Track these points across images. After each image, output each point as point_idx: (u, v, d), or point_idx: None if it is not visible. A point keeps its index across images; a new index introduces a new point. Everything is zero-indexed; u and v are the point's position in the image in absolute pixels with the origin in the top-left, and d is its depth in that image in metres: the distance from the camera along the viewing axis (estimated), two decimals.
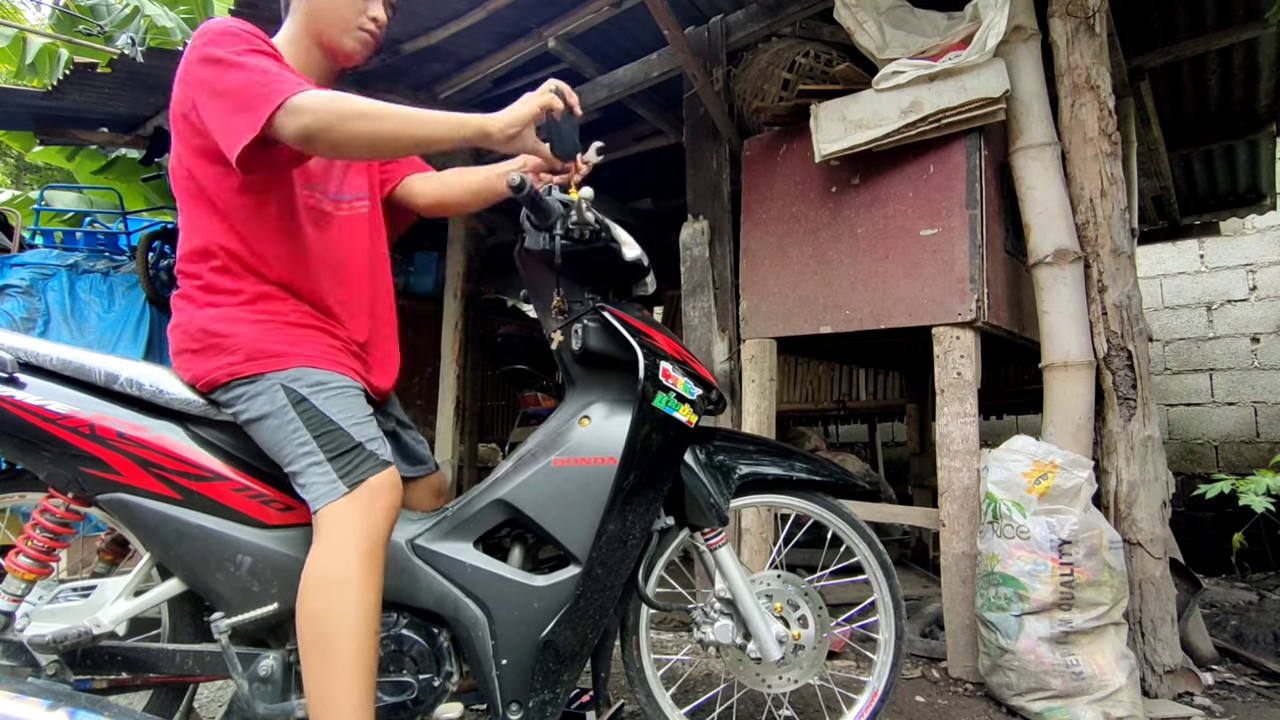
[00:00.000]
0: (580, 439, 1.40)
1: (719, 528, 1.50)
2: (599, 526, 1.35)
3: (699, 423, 1.45)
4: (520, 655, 1.34)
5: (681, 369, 1.43)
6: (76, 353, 1.31)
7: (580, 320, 1.43)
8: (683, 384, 1.42)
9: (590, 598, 1.36)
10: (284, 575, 1.29)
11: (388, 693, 1.32)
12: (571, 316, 1.44)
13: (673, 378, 1.41)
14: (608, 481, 1.36)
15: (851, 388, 4.99)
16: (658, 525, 1.48)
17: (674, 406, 1.39)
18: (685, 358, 1.47)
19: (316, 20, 1.40)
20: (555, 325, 1.47)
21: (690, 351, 1.51)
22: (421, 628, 1.36)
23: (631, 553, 1.41)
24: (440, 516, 1.42)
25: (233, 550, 1.30)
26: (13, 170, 9.69)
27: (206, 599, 1.33)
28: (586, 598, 1.36)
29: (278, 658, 1.29)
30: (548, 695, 1.35)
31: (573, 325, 1.44)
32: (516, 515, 1.39)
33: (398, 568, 1.34)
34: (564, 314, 1.45)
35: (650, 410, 1.37)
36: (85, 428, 1.26)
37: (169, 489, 1.29)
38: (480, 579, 1.36)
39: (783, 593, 1.55)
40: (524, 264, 1.51)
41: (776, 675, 1.53)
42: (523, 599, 1.35)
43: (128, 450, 1.28)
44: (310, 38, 1.41)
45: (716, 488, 1.49)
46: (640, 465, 1.38)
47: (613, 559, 1.37)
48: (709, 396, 1.47)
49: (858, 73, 2.46)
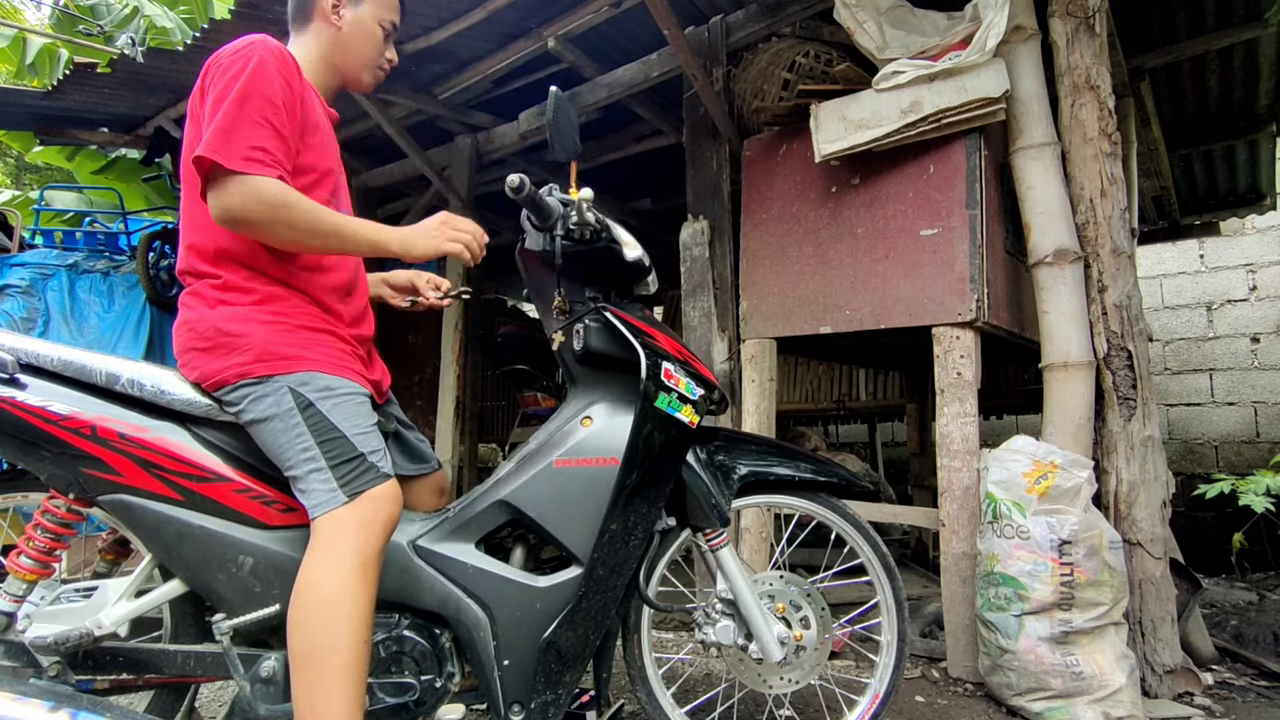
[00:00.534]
0: (582, 439, 1.40)
1: (720, 528, 1.50)
2: (601, 527, 1.35)
3: (700, 423, 1.45)
4: (522, 656, 1.34)
5: (684, 369, 1.43)
6: (77, 353, 1.31)
7: (582, 320, 1.43)
8: (685, 384, 1.42)
9: (592, 598, 1.36)
10: (286, 576, 1.29)
11: (389, 694, 1.32)
12: (573, 317, 1.44)
13: (675, 378, 1.41)
14: (610, 482, 1.36)
15: (851, 388, 4.99)
16: (659, 526, 1.48)
17: (676, 407, 1.40)
18: (687, 358, 1.47)
19: (342, 54, 1.48)
20: (557, 325, 1.47)
21: (692, 351, 1.52)
22: (423, 628, 1.36)
23: (634, 553, 1.41)
24: (442, 517, 1.42)
25: (234, 551, 1.30)
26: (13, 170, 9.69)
27: (208, 600, 1.34)
28: (588, 598, 1.36)
29: (279, 659, 1.28)
30: (550, 696, 1.35)
31: (574, 325, 1.44)
32: (518, 516, 1.39)
33: (399, 568, 1.34)
34: (565, 314, 1.45)
35: (653, 411, 1.37)
36: (86, 429, 1.26)
37: (170, 490, 1.29)
38: (482, 580, 1.36)
39: (785, 593, 1.55)
40: (525, 264, 1.51)
41: (778, 676, 1.53)
42: (524, 600, 1.35)
43: (129, 451, 1.28)
44: (330, 65, 1.49)
45: (718, 488, 1.49)
46: (642, 466, 1.38)
47: (615, 559, 1.37)
48: (711, 397, 1.47)
49: (858, 73, 2.46)
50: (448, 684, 1.35)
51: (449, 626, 1.36)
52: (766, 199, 2.73)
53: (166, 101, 3.60)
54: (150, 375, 1.33)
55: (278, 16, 2.84)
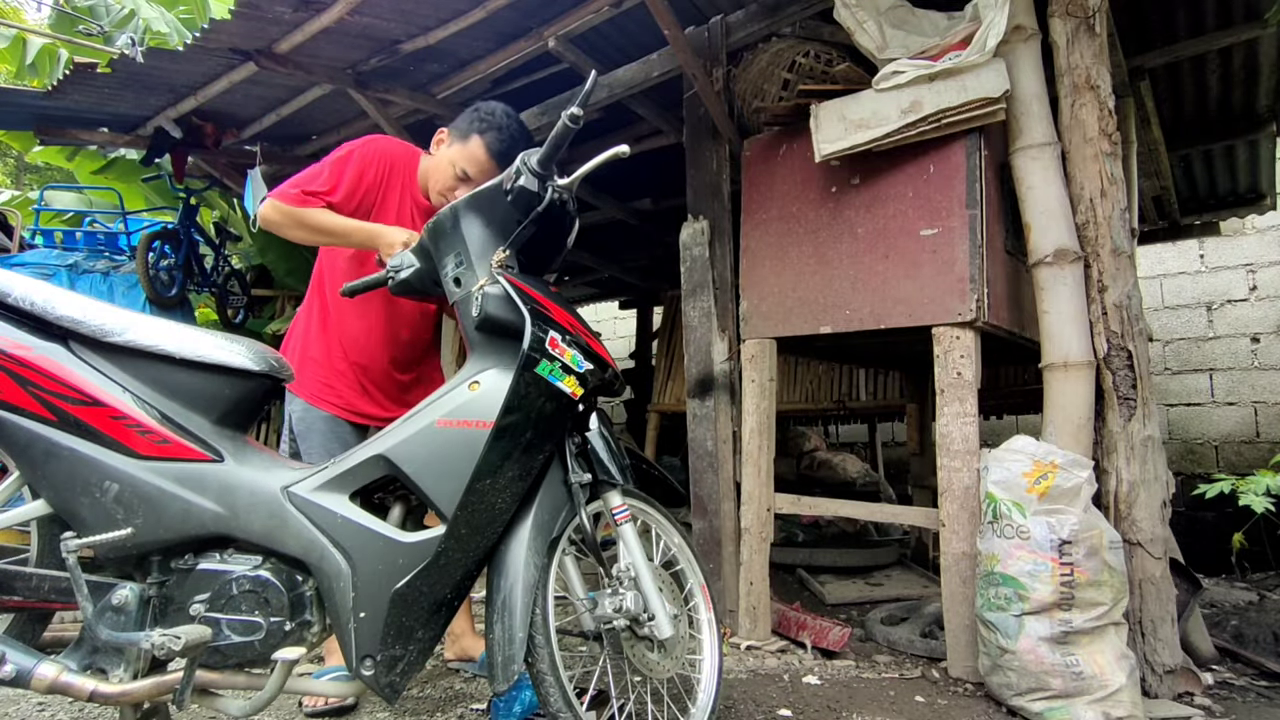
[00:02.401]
0: (466, 402, 1.42)
1: (623, 504, 1.55)
2: (467, 485, 1.35)
3: (592, 401, 1.52)
4: (378, 609, 1.35)
5: (573, 342, 1.44)
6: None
7: (481, 288, 1.46)
8: (571, 356, 1.42)
9: (451, 555, 1.36)
10: (150, 505, 1.32)
11: (236, 631, 1.34)
12: (471, 284, 1.49)
13: (560, 348, 1.41)
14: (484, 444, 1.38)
15: (851, 388, 4.98)
16: (576, 480, 1.49)
17: (558, 376, 1.40)
18: (580, 332, 1.49)
19: (430, 174, 2.03)
20: (460, 291, 1.52)
21: (593, 332, 1.55)
22: (284, 573, 1.37)
23: (500, 516, 1.40)
24: (322, 468, 1.44)
25: (101, 476, 1.32)
26: (13, 170, 9.69)
27: (70, 523, 1.34)
28: (446, 554, 1.36)
29: (135, 589, 1.31)
30: (399, 650, 1.35)
31: (472, 292, 1.47)
32: (394, 471, 1.40)
33: (268, 512, 1.37)
34: (504, 268, 1.49)
35: (532, 377, 1.38)
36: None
37: (45, 410, 1.31)
38: (349, 531, 1.37)
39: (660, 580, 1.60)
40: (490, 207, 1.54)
41: (660, 657, 1.51)
42: (387, 554, 1.36)
43: (7, 367, 1.29)
44: (424, 175, 2.06)
45: (604, 466, 1.56)
46: (517, 431, 1.37)
47: (478, 520, 1.36)
48: (603, 375, 1.49)
49: (858, 73, 2.46)
50: (302, 631, 1.36)
51: (312, 575, 1.38)
52: (766, 199, 2.73)
53: (166, 101, 3.60)
54: (42, 291, 1.35)
55: (278, 17, 2.84)
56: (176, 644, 1.22)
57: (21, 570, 1.34)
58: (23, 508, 1.35)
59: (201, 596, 1.34)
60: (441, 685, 2.14)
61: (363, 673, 1.34)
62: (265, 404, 1.58)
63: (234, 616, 1.34)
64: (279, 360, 1.53)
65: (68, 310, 1.35)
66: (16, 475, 1.36)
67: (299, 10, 2.72)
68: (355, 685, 1.39)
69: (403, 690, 1.37)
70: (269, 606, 1.34)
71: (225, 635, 1.33)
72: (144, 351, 1.39)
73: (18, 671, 1.20)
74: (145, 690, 1.26)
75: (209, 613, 1.33)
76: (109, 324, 1.37)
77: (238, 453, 1.43)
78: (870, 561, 3.68)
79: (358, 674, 1.35)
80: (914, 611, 2.78)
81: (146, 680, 1.27)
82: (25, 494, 1.39)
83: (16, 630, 1.43)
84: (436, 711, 1.94)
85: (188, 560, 1.37)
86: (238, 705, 1.35)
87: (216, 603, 1.34)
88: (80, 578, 1.26)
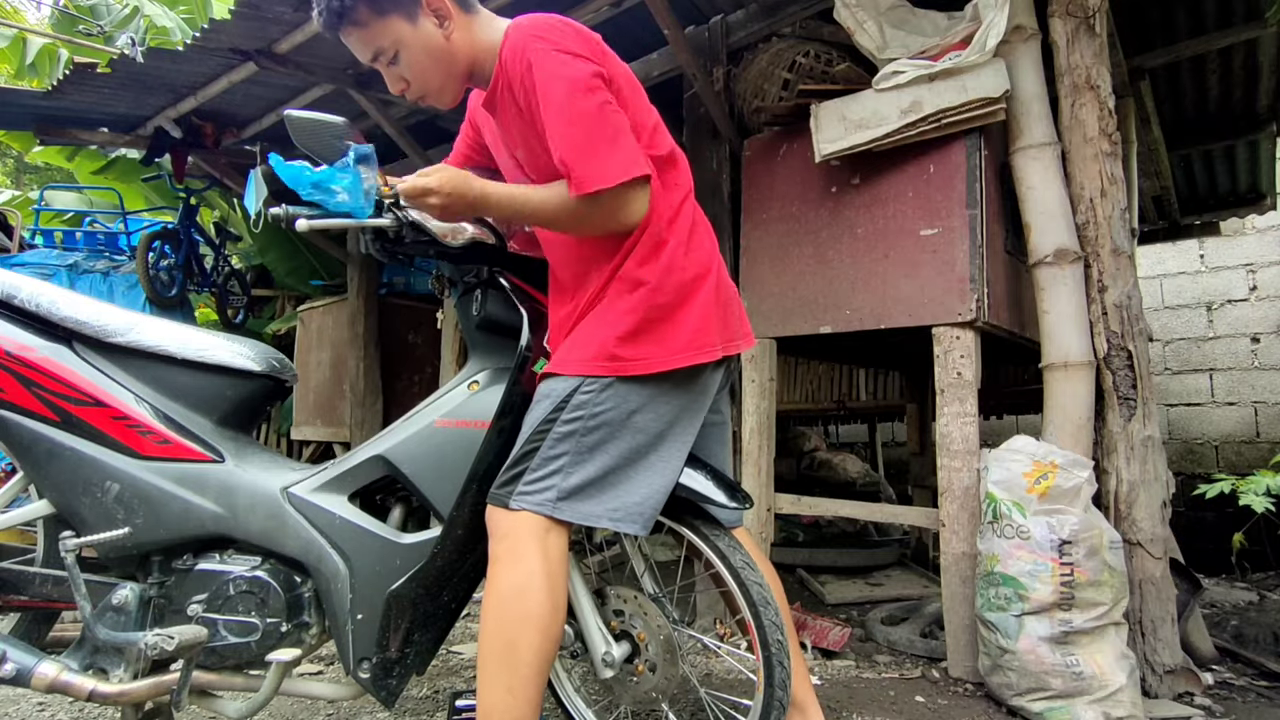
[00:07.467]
0: (465, 402, 1.41)
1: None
2: (464, 486, 1.34)
3: None
4: (375, 611, 1.34)
5: None
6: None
7: (481, 288, 1.45)
8: None
9: (447, 556, 1.35)
10: (150, 506, 1.32)
11: (232, 632, 1.34)
12: (472, 285, 1.47)
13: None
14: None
15: (851, 388, 4.99)
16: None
17: None
18: None
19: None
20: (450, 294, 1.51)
21: None
22: (283, 574, 1.37)
23: None
24: (322, 469, 1.44)
25: (102, 476, 1.32)
26: (13, 170, 9.69)
27: (71, 523, 1.34)
28: (442, 555, 1.35)
29: (135, 590, 1.31)
30: (395, 654, 1.35)
31: (473, 292, 1.46)
32: (393, 471, 1.40)
33: (268, 513, 1.37)
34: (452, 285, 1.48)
35: (530, 374, 1.37)
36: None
37: (48, 410, 1.32)
38: (347, 532, 1.37)
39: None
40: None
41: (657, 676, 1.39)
42: (385, 555, 1.36)
43: (11, 367, 1.30)
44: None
45: None
46: (514, 428, 1.36)
47: (475, 521, 1.35)
48: None
49: (858, 73, 2.46)
50: (300, 632, 1.36)
51: (311, 576, 1.37)
52: (766, 199, 2.73)
53: (166, 101, 3.60)
54: (47, 292, 1.36)
55: (278, 17, 2.84)
56: (170, 644, 1.22)
57: (26, 570, 1.35)
58: (27, 507, 1.36)
59: (199, 597, 1.34)
60: (442, 685, 2.14)
61: (359, 675, 1.33)
62: (267, 405, 1.58)
63: (230, 617, 1.34)
64: (281, 361, 1.53)
65: (71, 311, 1.36)
66: (21, 475, 1.37)
67: (299, 10, 2.72)
68: (351, 688, 1.39)
69: (399, 694, 1.37)
70: (266, 607, 1.34)
71: (222, 636, 1.33)
72: (147, 352, 1.39)
73: (18, 670, 1.21)
74: (144, 690, 1.26)
75: (206, 613, 1.33)
76: (112, 325, 1.38)
77: (239, 453, 1.43)
78: (870, 561, 3.68)
79: (354, 677, 1.34)
80: (914, 611, 2.78)
81: (146, 680, 1.27)
82: (32, 494, 1.39)
83: (22, 629, 1.44)
84: (437, 711, 1.94)
85: (188, 561, 1.37)
86: (235, 707, 1.35)
87: (214, 603, 1.34)
88: (79, 577, 1.26)
